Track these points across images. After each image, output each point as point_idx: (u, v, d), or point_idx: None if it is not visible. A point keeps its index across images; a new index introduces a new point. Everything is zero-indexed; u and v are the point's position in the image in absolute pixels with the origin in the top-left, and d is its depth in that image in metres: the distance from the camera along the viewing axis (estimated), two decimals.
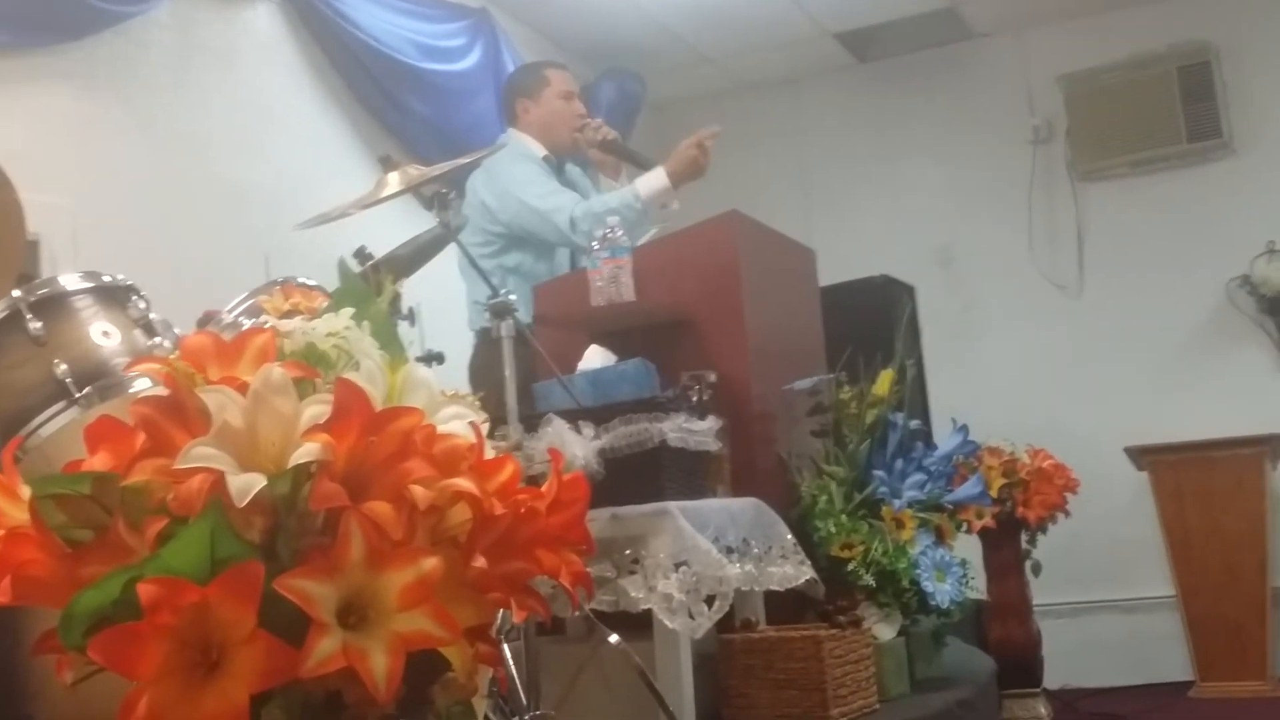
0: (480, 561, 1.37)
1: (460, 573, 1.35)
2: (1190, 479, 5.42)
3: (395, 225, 3.42)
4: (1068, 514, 4.43)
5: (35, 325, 2.27)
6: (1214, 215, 6.06)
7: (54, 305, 2.33)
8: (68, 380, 2.23)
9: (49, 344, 2.27)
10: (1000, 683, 4.04)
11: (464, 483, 1.36)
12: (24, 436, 2.20)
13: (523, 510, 1.44)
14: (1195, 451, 5.41)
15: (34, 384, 2.25)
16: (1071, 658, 5.22)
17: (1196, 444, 5.41)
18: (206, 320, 2.56)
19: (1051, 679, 4.65)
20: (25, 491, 1.32)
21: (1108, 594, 5.98)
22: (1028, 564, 4.48)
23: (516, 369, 2.76)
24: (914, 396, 4.31)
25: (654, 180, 3.91)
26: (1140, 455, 5.48)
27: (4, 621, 1.92)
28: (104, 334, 2.34)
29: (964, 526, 4.02)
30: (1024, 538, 4.46)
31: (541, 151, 4.16)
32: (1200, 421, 5.51)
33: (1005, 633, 4.39)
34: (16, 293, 2.30)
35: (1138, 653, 5.72)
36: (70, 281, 2.39)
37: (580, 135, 4.19)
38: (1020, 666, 4.32)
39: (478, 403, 1.53)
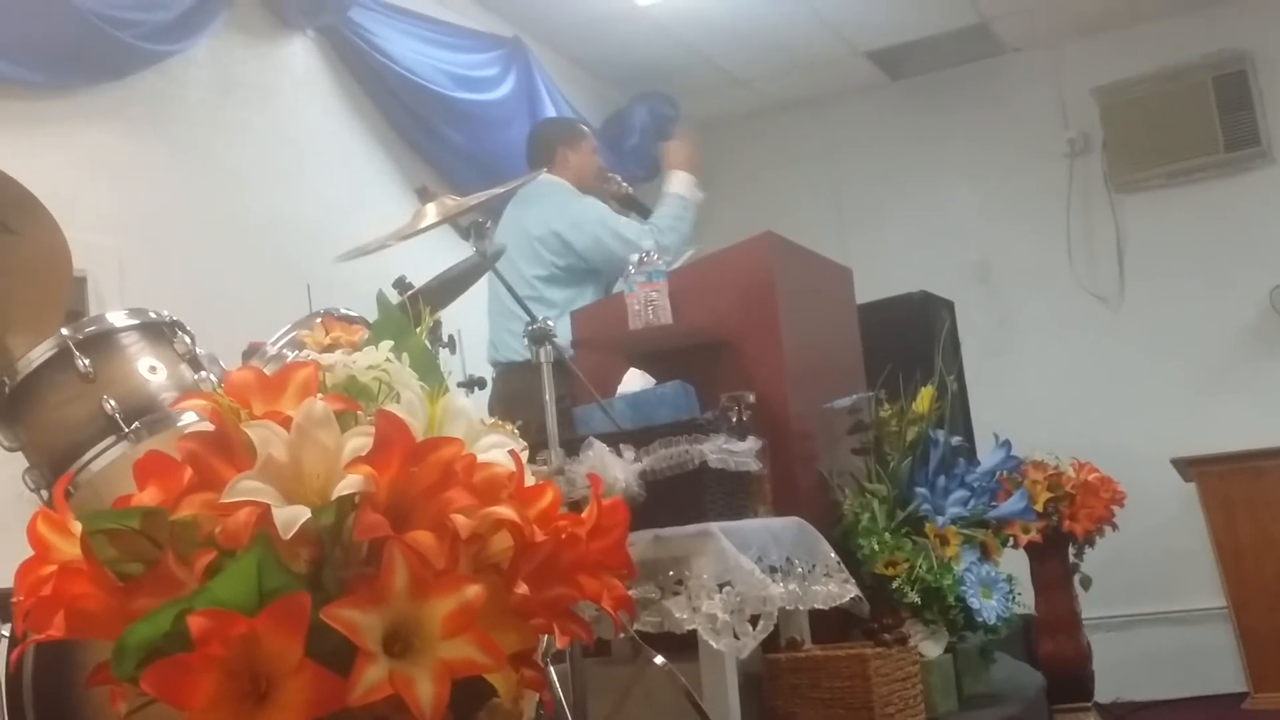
0: (522, 588, 1.39)
1: (503, 599, 1.37)
2: (1239, 489, 5.35)
3: (434, 254, 3.46)
4: (1115, 527, 4.39)
5: (84, 362, 2.31)
6: (1254, 223, 6.01)
7: (102, 342, 2.37)
8: (117, 415, 2.27)
9: (98, 380, 2.31)
10: (1050, 698, 4.01)
11: (505, 510, 1.37)
12: (75, 472, 2.24)
13: (564, 536, 1.46)
14: (1244, 461, 5.35)
15: (84, 420, 2.30)
16: (1122, 671, 5.16)
17: (1245, 454, 5.34)
18: (251, 352, 2.59)
19: (1103, 693, 4.60)
20: (77, 527, 1.35)
21: (1158, 606, 5.92)
22: (1076, 578, 4.44)
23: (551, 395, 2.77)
24: (955, 412, 4.30)
25: (679, 180, 4.33)
26: (1187, 466, 5.42)
27: (59, 654, 1.96)
28: (151, 369, 2.38)
29: (1010, 542, 4.00)
30: (1071, 551, 4.43)
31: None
32: (1247, 431, 5.45)
33: (1055, 647, 4.36)
34: (65, 331, 2.35)
35: (1189, 665, 5.65)
36: (117, 318, 2.43)
37: (605, 186, 4.41)
38: (1071, 681, 4.28)
39: (516, 431, 1.55)
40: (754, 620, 2.70)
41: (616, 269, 4.09)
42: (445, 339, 2.96)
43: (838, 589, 3.04)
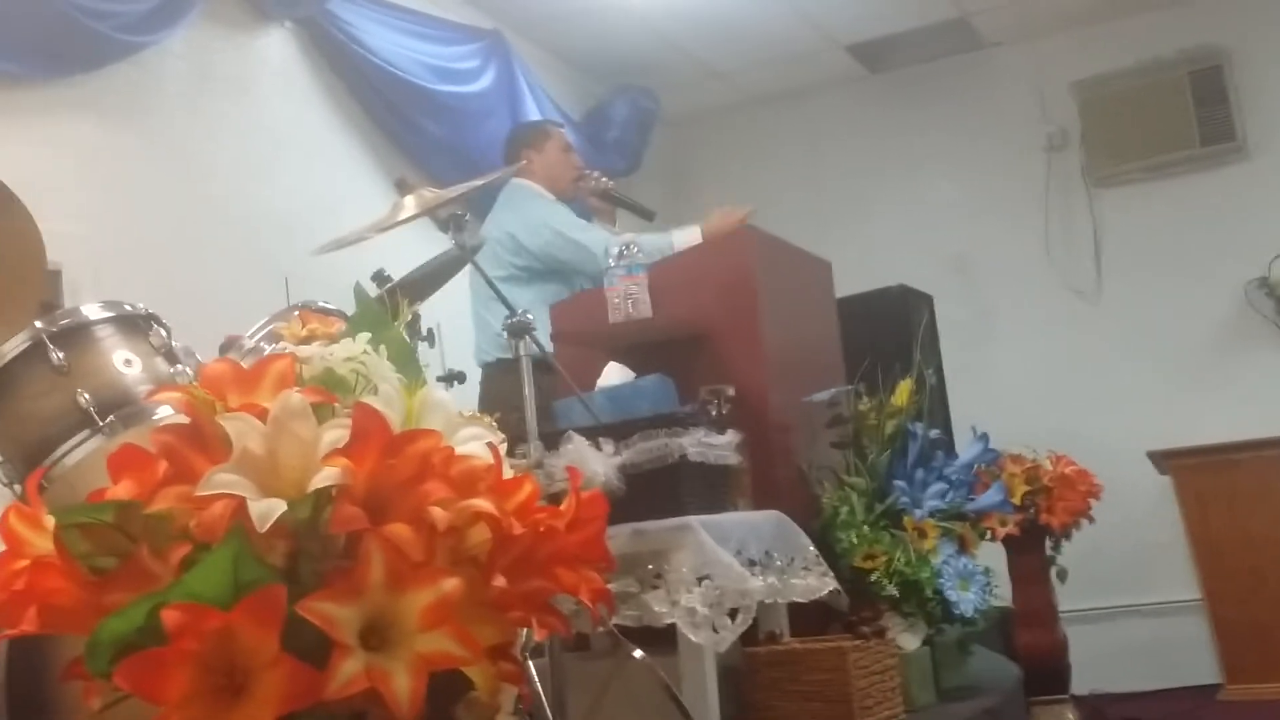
0: (500, 581, 1.38)
1: (480, 592, 1.37)
2: (1214, 482, 5.39)
3: (412, 247, 3.45)
4: (1092, 520, 4.41)
5: (58, 355, 2.29)
6: (1230, 218, 6.04)
7: (76, 335, 2.36)
8: (91, 409, 2.26)
9: (72, 373, 2.30)
10: (1027, 690, 4.02)
11: (482, 503, 1.37)
12: (48, 465, 2.22)
13: (542, 529, 1.45)
14: (1218, 454, 5.38)
15: (58, 413, 2.28)
16: (1099, 663, 5.18)
17: (1219, 447, 5.38)
18: (228, 345, 2.58)
19: (1079, 685, 4.62)
20: (50, 521, 1.34)
21: (1134, 599, 5.95)
22: (1053, 570, 4.46)
23: (534, 391, 2.77)
24: (933, 406, 4.30)
25: (690, 237, 4.08)
26: (1163, 459, 5.45)
27: (32, 649, 1.94)
28: (126, 362, 2.36)
29: (987, 534, 4.01)
30: (1048, 544, 4.44)
31: (550, 196, 4.30)
32: (1222, 424, 5.49)
33: (1032, 639, 4.37)
34: (39, 323, 2.33)
35: (1165, 657, 5.69)
36: (91, 311, 2.41)
37: (581, 184, 4.37)
38: (1048, 673, 4.30)
39: (495, 423, 1.55)
40: (733, 614, 2.70)
41: (571, 272, 4.12)
42: (424, 332, 2.95)
43: (816, 582, 3.04)
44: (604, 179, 4.47)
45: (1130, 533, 5.61)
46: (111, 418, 2.26)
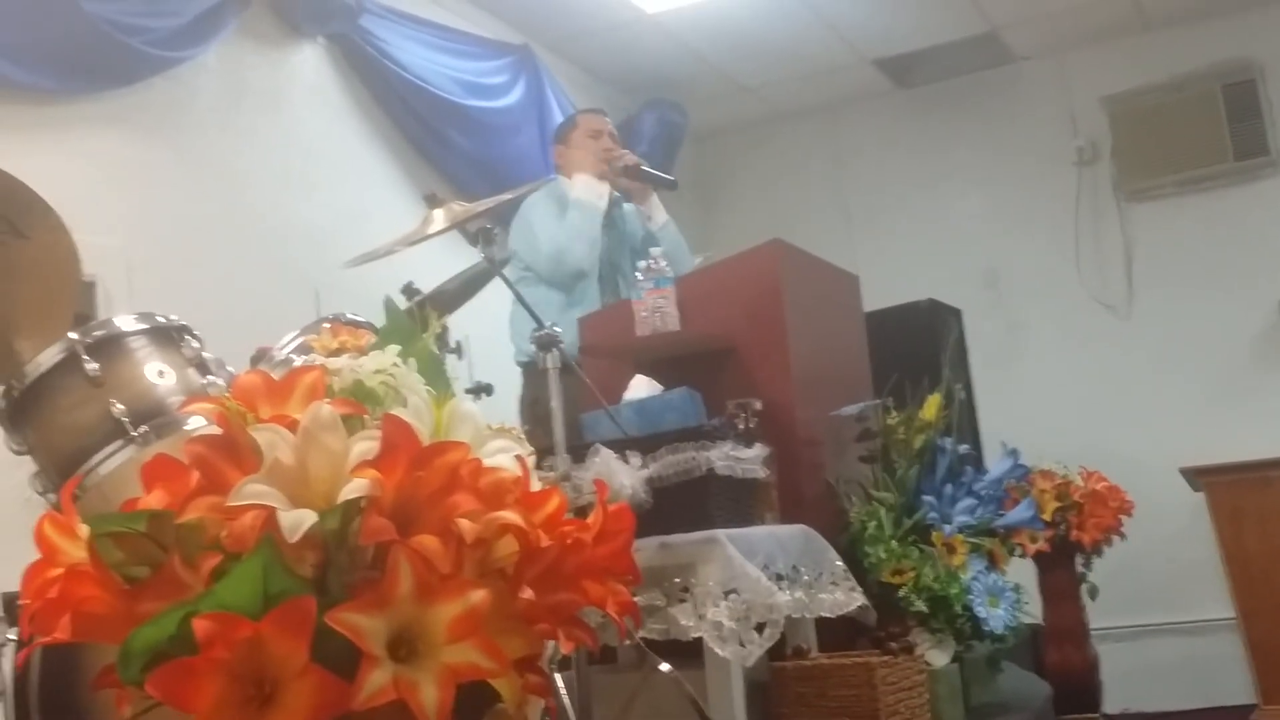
0: (527, 593, 1.39)
1: (508, 605, 1.37)
2: (1248, 499, 5.33)
3: (442, 260, 3.47)
4: (1123, 536, 4.39)
5: (92, 366, 2.32)
6: (1263, 232, 6.00)
7: (110, 346, 2.38)
8: (124, 419, 2.28)
9: (106, 384, 2.32)
10: (1058, 708, 4.00)
11: (510, 515, 1.38)
12: (82, 475, 2.24)
13: (569, 542, 1.46)
14: (1253, 471, 5.32)
15: (92, 423, 2.30)
16: (1130, 681, 5.15)
17: (1254, 464, 5.31)
18: (259, 357, 2.60)
19: (1110, 703, 4.59)
20: (84, 530, 1.35)
21: (1166, 617, 5.91)
22: (1084, 587, 4.44)
23: (563, 400, 2.77)
24: (963, 420, 4.29)
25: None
26: (1196, 476, 5.40)
27: (65, 657, 1.96)
28: (159, 373, 2.38)
29: (1017, 550, 3.99)
30: (1079, 561, 4.42)
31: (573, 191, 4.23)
32: (1257, 440, 5.43)
33: (1062, 657, 4.35)
34: (73, 335, 2.36)
35: (1198, 676, 5.64)
36: (125, 323, 2.44)
37: (613, 166, 4.25)
38: (1078, 691, 4.27)
39: (523, 436, 1.55)
40: (760, 628, 2.70)
41: (552, 277, 4.05)
42: (453, 344, 2.96)
43: (844, 597, 3.03)
44: (628, 156, 4.30)
45: (1163, 550, 5.56)
46: (145, 428, 2.28)
